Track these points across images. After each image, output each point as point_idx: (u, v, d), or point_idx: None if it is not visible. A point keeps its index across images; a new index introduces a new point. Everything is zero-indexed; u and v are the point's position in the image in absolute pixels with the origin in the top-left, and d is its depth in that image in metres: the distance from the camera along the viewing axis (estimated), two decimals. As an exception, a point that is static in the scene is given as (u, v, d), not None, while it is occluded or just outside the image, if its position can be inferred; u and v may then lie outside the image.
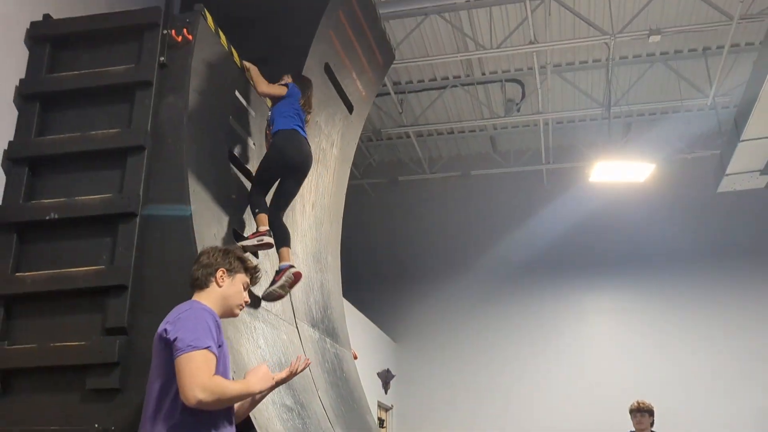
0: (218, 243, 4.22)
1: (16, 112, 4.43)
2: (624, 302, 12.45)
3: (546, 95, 11.15)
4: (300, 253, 5.71)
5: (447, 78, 11.37)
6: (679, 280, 12.18)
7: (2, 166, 4.29)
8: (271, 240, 4.58)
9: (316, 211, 6.30)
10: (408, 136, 12.49)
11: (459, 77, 11.35)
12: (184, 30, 4.40)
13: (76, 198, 4.15)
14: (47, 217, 4.12)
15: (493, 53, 9.96)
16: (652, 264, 12.38)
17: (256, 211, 4.68)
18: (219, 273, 3.08)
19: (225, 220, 4.51)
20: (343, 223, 7.05)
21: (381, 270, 13.24)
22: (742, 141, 8.90)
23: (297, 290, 5.41)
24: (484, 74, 11.28)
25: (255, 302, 4.52)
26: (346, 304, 7.77)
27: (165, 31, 4.40)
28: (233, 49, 4.97)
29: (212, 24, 4.65)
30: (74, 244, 4.08)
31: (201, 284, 3.07)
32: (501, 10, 9.66)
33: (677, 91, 11.03)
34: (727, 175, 9.83)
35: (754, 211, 12.08)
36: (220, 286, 3.06)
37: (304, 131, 4.97)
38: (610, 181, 10.94)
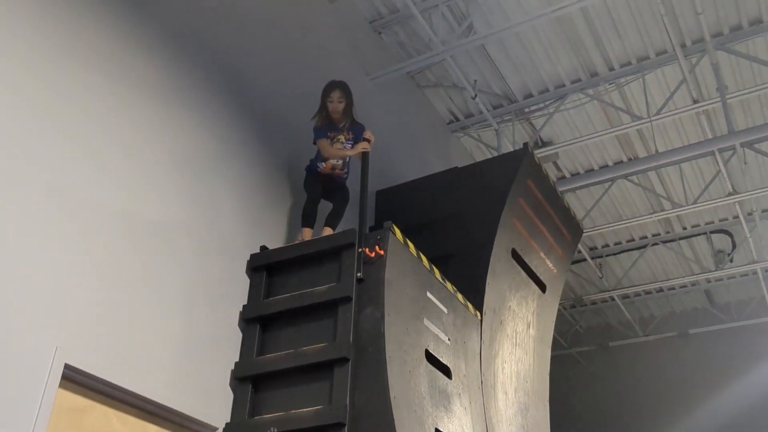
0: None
1: (240, 335, 5.05)
2: None
3: (758, 242, 10.42)
4: (506, 445, 5.65)
5: (645, 237, 11.09)
6: None
7: (230, 385, 4.85)
8: None
9: (519, 396, 6.25)
10: (613, 300, 12.10)
11: (658, 234, 11.03)
12: (377, 246, 4.86)
13: (292, 411, 4.53)
14: None
15: (691, 209, 9.60)
16: None
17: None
18: None
19: (427, 422, 4.66)
20: (551, 398, 6.88)
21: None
22: None
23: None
24: (685, 228, 10.88)
25: None
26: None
27: (360, 250, 4.89)
28: (422, 254, 5.36)
29: (401, 236, 5.09)
30: (291, 456, 4.42)
31: None
32: (692, 166, 9.47)
33: None
34: None
35: None
36: None
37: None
38: None
